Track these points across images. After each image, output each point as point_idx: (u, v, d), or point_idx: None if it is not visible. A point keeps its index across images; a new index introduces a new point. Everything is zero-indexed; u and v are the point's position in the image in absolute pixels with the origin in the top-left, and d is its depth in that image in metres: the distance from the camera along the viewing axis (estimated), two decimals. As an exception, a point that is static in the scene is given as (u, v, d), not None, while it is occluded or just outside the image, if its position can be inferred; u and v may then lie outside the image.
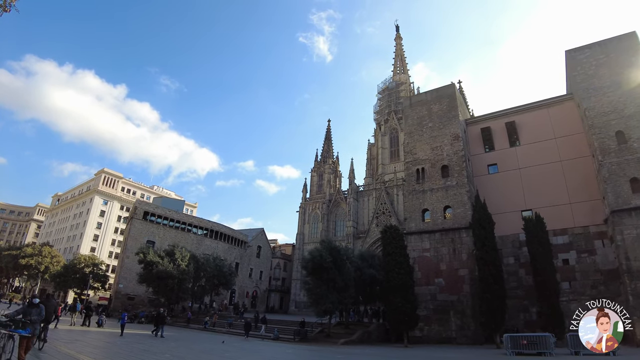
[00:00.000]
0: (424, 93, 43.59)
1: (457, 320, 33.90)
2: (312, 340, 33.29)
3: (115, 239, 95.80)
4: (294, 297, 78.15)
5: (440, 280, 35.49)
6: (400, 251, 32.24)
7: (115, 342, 22.64)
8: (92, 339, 23.65)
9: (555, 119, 39.29)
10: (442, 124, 40.47)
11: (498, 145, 40.82)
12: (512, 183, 38.53)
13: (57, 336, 21.52)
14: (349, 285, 33.47)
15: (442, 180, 38.35)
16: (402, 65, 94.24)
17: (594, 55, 36.91)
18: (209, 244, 66.19)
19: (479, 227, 31.54)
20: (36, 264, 76.54)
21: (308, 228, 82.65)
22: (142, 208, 60.86)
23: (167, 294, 47.07)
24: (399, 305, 30.54)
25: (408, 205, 39.91)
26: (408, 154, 41.33)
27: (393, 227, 33.66)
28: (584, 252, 34.17)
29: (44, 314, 10.67)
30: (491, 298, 29.57)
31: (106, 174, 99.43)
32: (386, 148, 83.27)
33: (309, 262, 33.59)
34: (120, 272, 57.96)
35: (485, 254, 30.69)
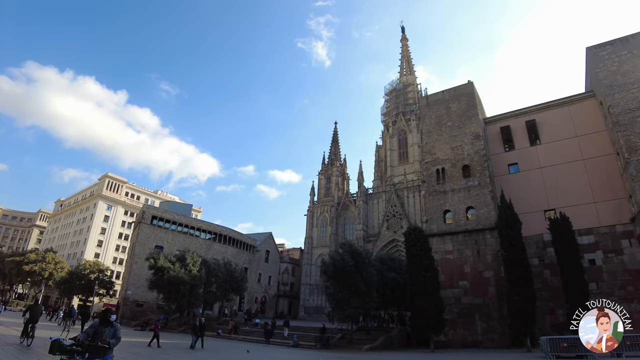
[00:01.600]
0: (441, 92, 42.78)
1: (482, 324, 32.91)
2: (335, 346, 32.27)
3: (120, 244, 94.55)
4: (303, 303, 77.01)
5: (465, 282, 34.52)
6: (425, 253, 31.23)
7: (140, 353, 21.51)
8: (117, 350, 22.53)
9: (576, 117, 38.52)
10: (462, 123, 39.66)
11: (518, 145, 39.98)
12: (534, 182, 37.66)
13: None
14: (371, 290, 32.54)
15: (463, 181, 37.48)
16: (409, 67, 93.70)
17: (616, 51, 36.23)
18: (217, 249, 65.11)
19: (506, 227, 30.59)
20: (40, 270, 75.24)
21: (316, 232, 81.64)
22: (150, 212, 59.80)
23: (179, 300, 45.94)
24: (425, 309, 29.53)
25: (429, 207, 38.98)
26: (427, 153, 40.45)
27: (417, 229, 32.72)
28: (610, 252, 33.28)
29: (120, 335, 8.74)
30: (520, 300, 28.62)
31: (110, 178, 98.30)
32: (395, 150, 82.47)
33: (329, 265, 32.63)
34: (129, 278, 56.82)
35: (514, 254, 29.75)
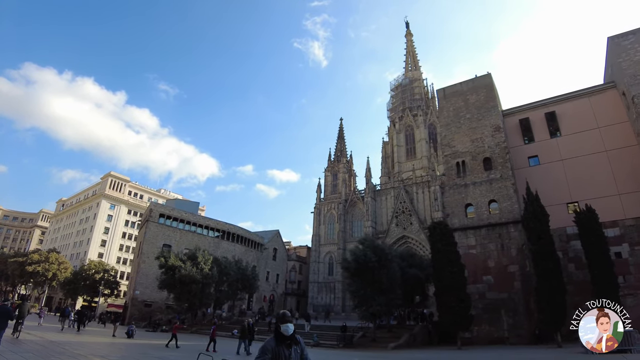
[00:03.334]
0: (459, 84, 41.91)
1: (509, 319, 32.16)
2: (359, 345, 31.36)
3: (123, 244, 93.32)
4: (311, 301, 76.06)
5: (489, 277, 33.76)
6: (451, 248, 30.42)
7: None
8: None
9: (597, 108, 37.76)
10: (481, 115, 38.85)
11: (538, 137, 39.16)
12: (555, 175, 36.88)
13: (91, 350, 19.68)
14: (395, 286, 31.67)
15: (484, 174, 36.67)
16: (414, 62, 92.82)
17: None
18: (226, 247, 64.12)
19: (535, 220, 29.77)
20: (43, 270, 74.04)
21: (324, 229, 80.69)
22: (157, 210, 58.70)
23: (191, 299, 44.93)
24: (453, 305, 28.73)
25: (449, 200, 38.14)
26: (446, 146, 39.60)
27: (442, 223, 31.91)
28: (637, 245, 32.64)
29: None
30: (551, 294, 27.85)
31: (113, 177, 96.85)
32: (402, 146, 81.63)
33: (351, 262, 31.75)
34: (137, 277, 55.72)
35: (543, 248, 28.94)
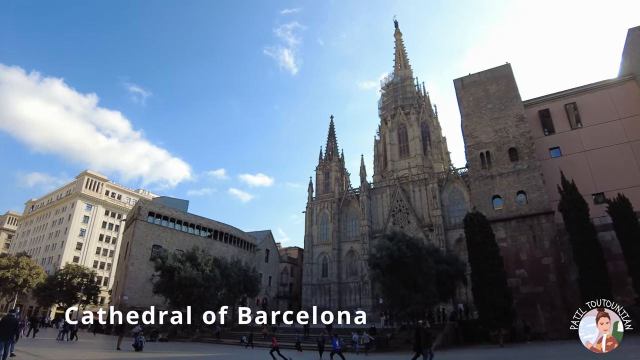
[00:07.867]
0: (477, 74, 40.78)
1: (545, 314, 30.89)
2: (394, 348, 28.98)
3: (101, 247, 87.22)
4: (305, 304, 72.99)
5: (522, 271, 32.41)
6: (489, 240, 28.85)
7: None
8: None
9: (617, 100, 37.51)
10: (503, 105, 37.79)
11: (558, 128, 38.50)
12: (579, 166, 36.16)
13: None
14: (429, 283, 29.69)
15: (511, 164, 35.51)
16: (404, 61, 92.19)
17: (660, 31, 35.56)
18: (219, 247, 60.41)
19: (575, 209, 28.67)
20: (13, 276, 67.76)
21: (316, 229, 78.03)
22: (146, 208, 54.33)
23: (192, 304, 41.23)
24: (496, 300, 27.07)
25: (475, 192, 36.72)
26: (468, 137, 38.26)
27: (479, 214, 30.21)
28: (666, 236, 32.10)
29: None
30: (596, 285, 26.64)
31: (89, 176, 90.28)
32: (395, 144, 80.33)
33: (383, 258, 29.46)
34: (125, 281, 51.22)
35: (585, 237, 27.86)
